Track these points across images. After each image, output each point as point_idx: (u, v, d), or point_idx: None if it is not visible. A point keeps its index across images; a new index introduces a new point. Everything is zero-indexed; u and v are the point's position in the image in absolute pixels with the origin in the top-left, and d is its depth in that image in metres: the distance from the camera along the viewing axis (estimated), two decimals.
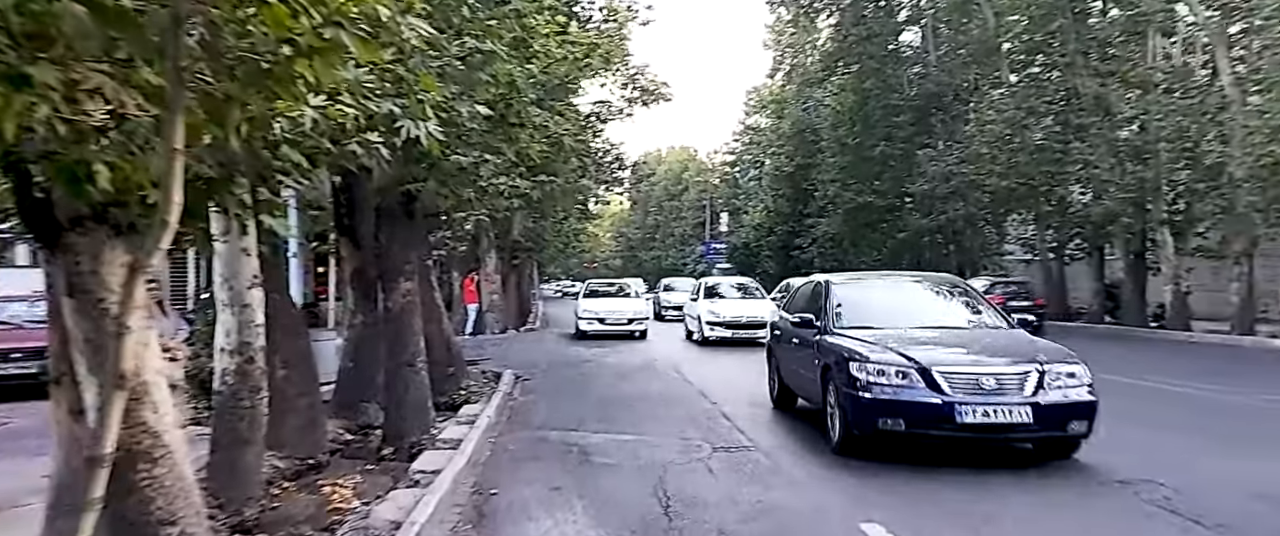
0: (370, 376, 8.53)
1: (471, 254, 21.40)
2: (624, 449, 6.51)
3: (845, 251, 35.68)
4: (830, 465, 6.13)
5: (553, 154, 11.63)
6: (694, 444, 6.76)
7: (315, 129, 3.60)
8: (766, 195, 46.70)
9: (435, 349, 10.07)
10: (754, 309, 17.01)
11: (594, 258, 71.87)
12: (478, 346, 16.45)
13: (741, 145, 54.66)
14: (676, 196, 67.58)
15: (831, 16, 35.56)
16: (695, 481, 5.56)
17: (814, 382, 6.96)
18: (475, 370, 11.68)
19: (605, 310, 19.17)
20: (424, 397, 7.56)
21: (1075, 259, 25.29)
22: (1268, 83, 15.10)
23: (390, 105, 4.26)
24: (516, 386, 10.56)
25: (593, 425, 7.60)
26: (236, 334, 5.42)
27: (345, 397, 8.79)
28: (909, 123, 29.82)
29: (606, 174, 23.61)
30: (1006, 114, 22.48)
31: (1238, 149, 15.80)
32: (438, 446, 6.42)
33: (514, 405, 9.15)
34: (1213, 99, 17.26)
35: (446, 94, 5.54)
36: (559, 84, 9.37)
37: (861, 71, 32.45)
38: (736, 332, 16.51)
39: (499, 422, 7.85)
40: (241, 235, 4.71)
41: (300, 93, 2.95)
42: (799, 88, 41.51)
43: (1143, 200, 19.53)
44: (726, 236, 52.04)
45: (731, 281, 21.13)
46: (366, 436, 8.24)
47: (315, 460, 6.82)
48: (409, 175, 7.33)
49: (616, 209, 70.92)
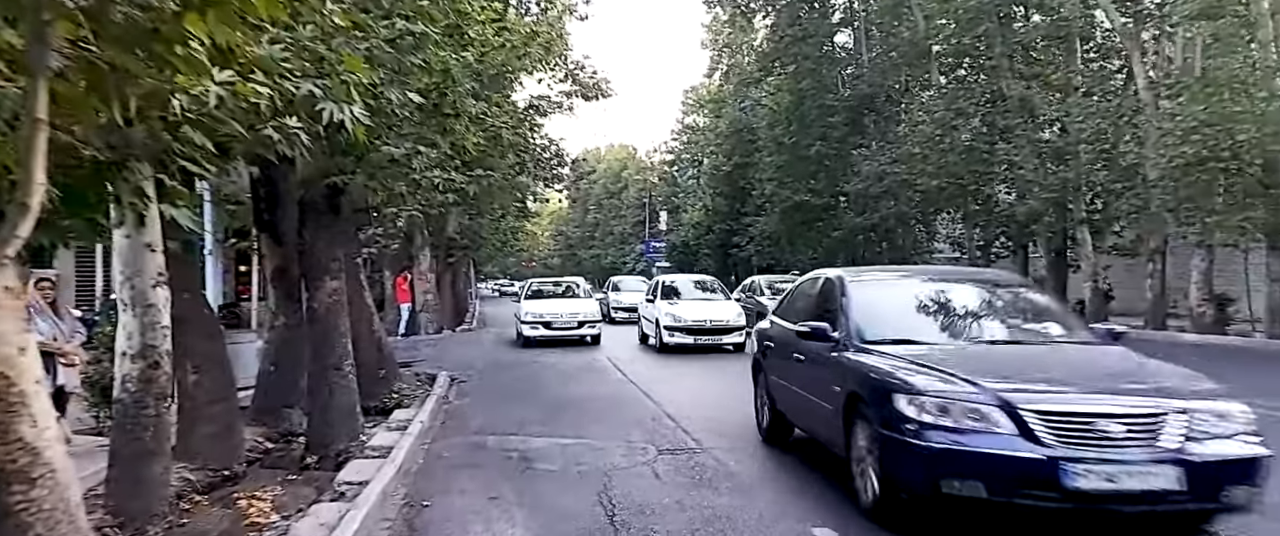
0: (293, 380, 8.06)
1: (404, 252, 20.72)
2: (567, 454, 6.24)
3: (782, 250, 36.10)
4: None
5: (490, 148, 11.28)
6: (638, 447, 6.54)
7: (222, 109, 3.24)
8: (705, 194, 46.96)
9: (365, 350, 9.61)
10: (719, 311, 15.40)
11: (532, 256, 71.12)
12: (411, 347, 15.90)
13: (680, 144, 54.85)
14: (616, 195, 67.42)
15: (768, 17, 35.91)
16: (641, 487, 5.34)
17: (831, 418, 5.15)
18: (408, 372, 11.23)
19: (551, 312, 16.95)
20: (352, 402, 7.15)
21: (1000, 257, 26.13)
22: (1178, 87, 15.81)
23: (310, 86, 3.91)
24: (452, 389, 10.16)
25: (534, 428, 7.30)
26: (139, 336, 4.94)
27: (266, 403, 8.29)
28: (843, 123, 30.33)
29: (546, 170, 23.17)
30: (937, 115, 23.03)
31: (1152, 151, 16.51)
32: (366, 454, 6.04)
33: (449, 409, 8.77)
34: (1129, 103, 18.02)
35: (375, 79, 5.19)
36: (496, 74, 9.04)
37: (797, 72, 32.85)
38: (699, 339, 14.76)
39: (433, 428, 7.47)
40: (138, 227, 4.26)
41: (201, 64, 2.61)
42: (736, 87, 41.84)
43: (1064, 200, 20.26)
44: (666, 235, 52.15)
45: (690, 279, 18.96)
46: (289, 444, 7.77)
47: (231, 471, 6.37)
48: (335, 167, 6.90)
49: (555, 207, 70.37)
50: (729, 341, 14.55)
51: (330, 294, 7.18)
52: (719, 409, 8.47)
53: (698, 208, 47.83)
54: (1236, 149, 13.66)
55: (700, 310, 15.32)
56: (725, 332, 14.51)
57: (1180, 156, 14.67)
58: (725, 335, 14.47)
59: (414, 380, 10.64)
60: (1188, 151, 14.40)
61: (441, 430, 7.49)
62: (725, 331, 14.54)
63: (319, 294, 7.20)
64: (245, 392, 8.82)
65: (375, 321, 10.38)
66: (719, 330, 14.69)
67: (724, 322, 14.71)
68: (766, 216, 34.99)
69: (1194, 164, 14.58)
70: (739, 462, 6.09)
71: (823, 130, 30.84)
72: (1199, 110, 14.11)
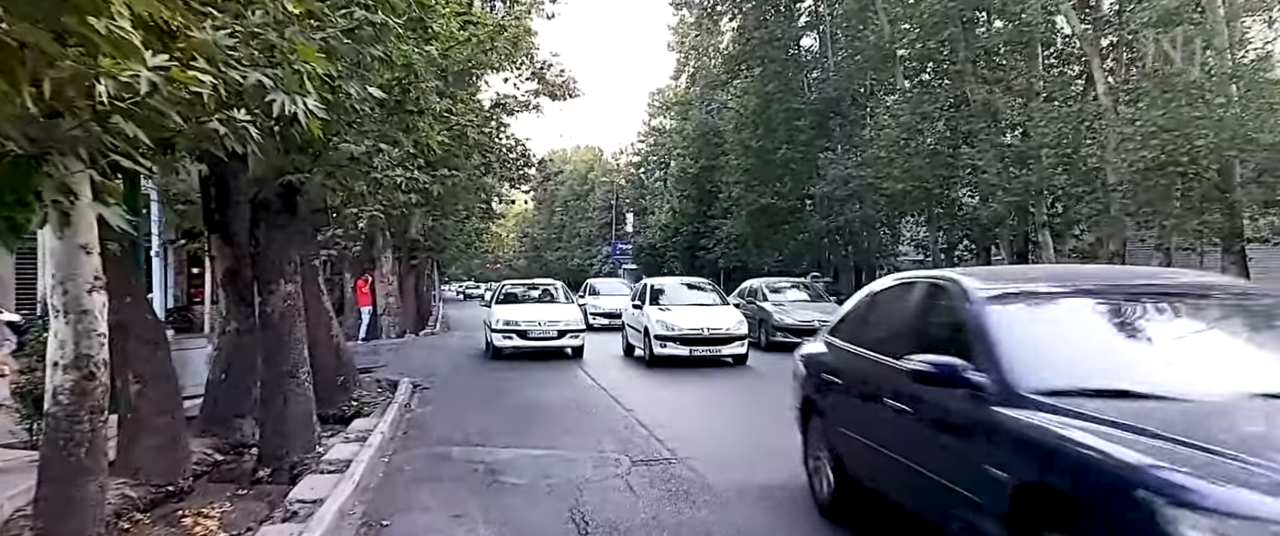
0: (245, 389, 7.70)
1: (366, 253, 20.19)
2: (537, 466, 5.97)
3: (749, 252, 36.17)
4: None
5: (455, 147, 10.95)
6: (610, 458, 6.29)
7: (158, 98, 2.93)
8: (672, 196, 46.89)
9: (323, 356, 9.25)
10: (717, 318, 13.56)
11: (497, 258, 70.44)
12: (372, 352, 15.44)
13: (647, 146, 54.73)
14: (582, 197, 67.10)
15: (734, 20, 35.96)
16: (615, 503, 5.09)
17: (976, 516, 3.26)
18: (369, 379, 10.84)
19: (527, 320, 14.55)
20: (307, 412, 6.80)
21: (964, 260, 26.43)
22: (1137, 92, 16.08)
23: (259, 76, 3.60)
24: (415, 396, 9.80)
25: (501, 439, 7.01)
26: (73, 345, 4.56)
27: (216, 413, 7.91)
28: (810, 126, 30.46)
29: (511, 170, 22.77)
30: (902, 119, 23.19)
31: (1112, 155, 16.76)
32: (322, 469, 5.71)
33: (412, 417, 8.42)
34: (1090, 108, 18.30)
35: (331, 71, 4.88)
36: (462, 71, 8.73)
37: (764, 75, 32.93)
38: (695, 350, 12.95)
39: (394, 438, 7.14)
40: (63, 227, 3.91)
41: (129, 45, 2.32)
42: (703, 90, 41.83)
43: (1026, 203, 20.51)
44: (633, 237, 52.00)
45: (682, 282, 16.85)
46: (240, 456, 7.42)
47: (176, 486, 6.01)
48: (290, 165, 6.54)
49: (521, 209, 69.79)
50: (729, 353, 13.05)
51: (285, 297, 6.83)
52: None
53: (665, 210, 47.75)
54: (1194, 154, 13.90)
55: (696, 317, 13.32)
56: (725, 342, 12.96)
57: (1140, 161, 14.88)
58: (725, 345, 12.93)
59: (375, 387, 10.27)
60: (1147, 156, 14.61)
61: (403, 440, 7.16)
62: (725, 341, 12.98)
63: (273, 297, 6.84)
64: (195, 401, 8.44)
65: (334, 326, 10.00)
66: (718, 340, 13.01)
67: (723, 331, 13.07)
68: (733, 219, 35.02)
69: (1153, 169, 14.82)
70: (718, 474, 5.88)
71: (789, 133, 30.94)
72: (1158, 115, 14.34)
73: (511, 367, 13.32)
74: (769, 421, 6.76)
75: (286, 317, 6.81)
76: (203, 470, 6.97)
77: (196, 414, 8.05)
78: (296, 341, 6.87)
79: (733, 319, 13.49)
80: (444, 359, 14.70)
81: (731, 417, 8.97)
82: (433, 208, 19.63)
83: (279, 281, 6.86)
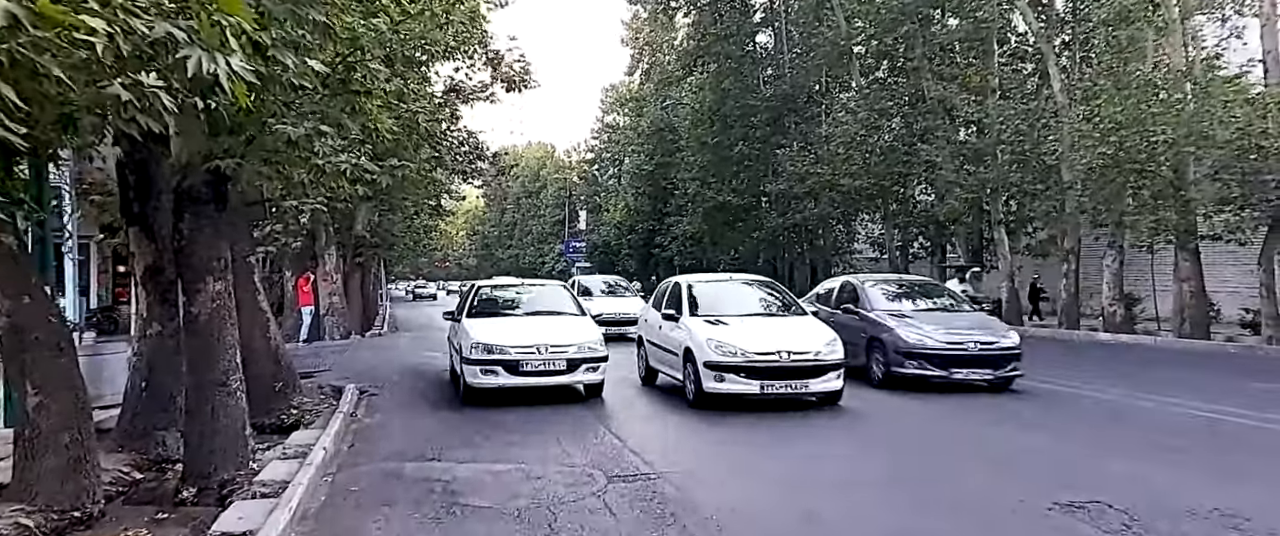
0: (168, 397, 6.95)
1: (308, 250, 19.16)
2: (500, 484, 5.36)
3: (705, 249, 35.98)
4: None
5: (405, 136, 10.24)
6: (583, 473, 5.72)
7: (34, 51, 2.29)
8: (626, 193, 46.44)
9: (259, 361, 8.51)
10: (800, 336, 8.84)
11: (447, 256, 69.00)
12: (314, 355, 14.54)
13: (600, 143, 54.17)
14: (534, 194, 66.22)
15: (689, 15, 35.70)
16: (594, 527, 4.52)
17: None
18: (310, 384, 10.07)
19: (519, 344, 8.97)
20: (238, 424, 6.11)
21: (918, 257, 26.60)
22: (1094, 89, 16.21)
23: (170, 26, 2.97)
24: (361, 403, 9.06)
25: (459, 452, 6.37)
26: None
27: (135, 425, 7.16)
28: (765, 123, 30.35)
29: (463, 163, 21.95)
30: (859, 116, 23.17)
31: (1068, 152, 16.89)
32: (255, 491, 5.03)
33: (358, 428, 7.70)
34: (1045, 105, 18.46)
35: (264, 39, 4.23)
36: (413, 51, 8.06)
37: (719, 71, 32.75)
38: (770, 386, 8.34)
39: (338, 454, 6.45)
40: None
41: None
42: (658, 86, 41.48)
43: (982, 201, 20.64)
44: (587, 234, 51.40)
45: (734, 280, 11.69)
46: (162, 473, 6.70)
47: (82, 512, 5.30)
48: (219, 148, 5.83)
49: (471, 205, 68.49)
50: (818, 389, 8.53)
51: (213, 297, 6.11)
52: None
53: (619, 207, 47.28)
54: (1152, 150, 14.01)
55: (768, 334, 8.80)
56: (813, 374, 8.45)
57: (1099, 159, 14.97)
58: (814, 379, 8.45)
59: (317, 393, 9.51)
60: (1106, 153, 14.70)
61: (349, 455, 6.47)
62: (813, 372, 8.45)
63: (199, 297, 6.12)
64: (113, 412, 7.63)
65: (271, 327, 9.22)
66: (804, 370, 8.43)
67: (810, 356, 8.48)
68: (689, 216, 34.77)
69: (1109, 165, 14.93)
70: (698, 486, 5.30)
71: (745, 130, 30.80)
72: (1116, 112, 14.43)
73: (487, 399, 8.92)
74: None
75: (215, 319, 6.10)
76: (118, 491, 6.23)
77: (111, 427, 7.26)
78: (227, 346, 6.16)
79: (822, 337, 8.80)
80: (393, 362, 13.85)
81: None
82: (380, 202, 18.73)
83: (206, 279, 6.14)
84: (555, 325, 9.55)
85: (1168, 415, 8.10)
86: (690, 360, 8.75)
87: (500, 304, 10.70)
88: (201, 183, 6.21)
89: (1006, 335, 10.09)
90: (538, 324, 9.60)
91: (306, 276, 19.58)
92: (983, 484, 5.57)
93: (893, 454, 6.69)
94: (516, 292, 11.38)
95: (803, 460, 6.41)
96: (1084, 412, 8.52)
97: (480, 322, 9.55)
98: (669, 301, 10.08)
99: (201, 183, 6.21)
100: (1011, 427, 7.75)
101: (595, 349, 9.11)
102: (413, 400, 9.54)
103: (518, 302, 10.86)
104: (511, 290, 11.56)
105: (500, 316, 10.10)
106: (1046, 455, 6.46)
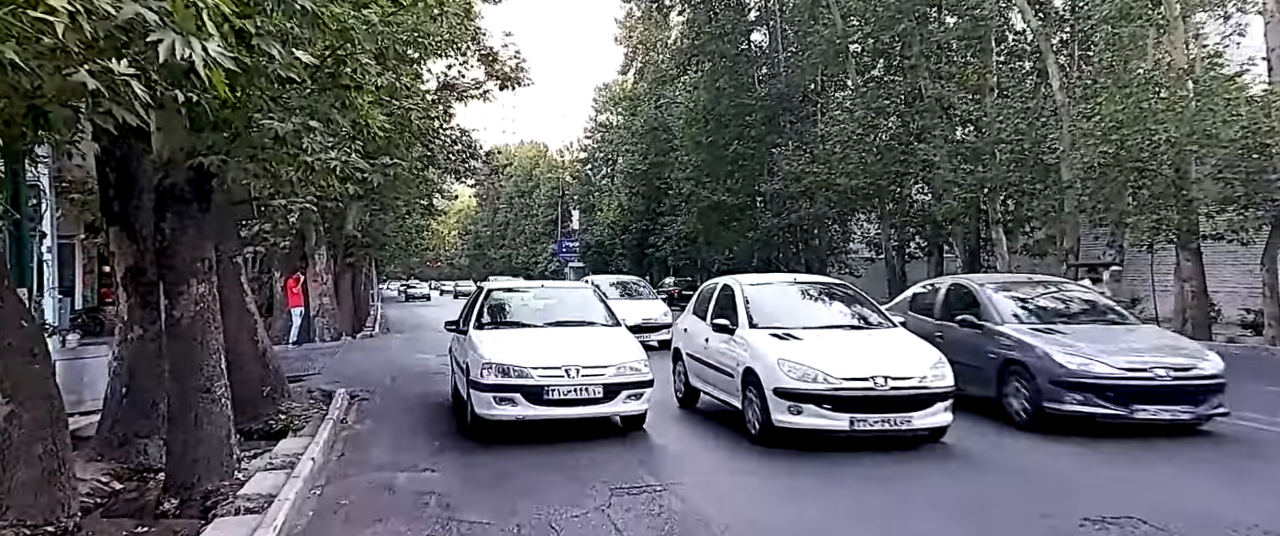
0: (150, 404, 6.69)
1: (297, 250, 18.85)
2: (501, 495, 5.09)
3: (699, 249, 35.78)
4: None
5: (397, 134, 9.97)
6: (589, 484, 5.45)
7: None
8: (620, 193, 46.19)
9: (246, 366, 8.26)
10: (897, 357, 7.16)
11: (438, 256, 68.62)
12: (304, 358, 14.24)
13: (593, 143, 53.93)
14: (527, 194, 65.97)
15: (683, 13, 35.48)
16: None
17: None
18: (299, 388, 9.79)
19: (543, 365, 7.24)
20: (223, 432, 5.85)
21: (914, 258, 26.45)
22: (1094, 87, 16.07)
23: (138, 7, 2.71)
24: (352, 409, 8.79)
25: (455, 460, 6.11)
26: None
27: (116, 433, 6.87)
28: (761, 122, 30.16)
29: (456, 162, 21.65)
30: (856, 114, 23.00)
31: (1067, 150, 16.75)
32: (239, 506, 4.77)
33: (349, 436, 7.43)
34: (1045, 104, 18.33)
35: (248, 27, 3.98)
36: (406, 43, 7.80)
37: (714, 70, 32.53)
38: (862, 420, 6.65)
39: (327, 464, 6.19)
40: None
41: None
42: (652, 85, 41.26)
43: (979, 200, 20.49)
44: (580, 234, 51.16)
45: (794, 284, 9.41)
46: (143, 483, 6.45)
47: (58, 526, 5.04)
48: (202, 144, 5.57)
49: (463, 205, 68.19)
50: (923, 424, 6.81)
51: (196, 300, 5.84)
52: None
53: (613, 207, 47.04)
54: (1154, 149, 13.86)
55: (860, 355, 7.09)
56: (918, 404, 6.75)
57: (1100, 156, 14.80)
58: (918, 410, 6.74)
59: (306, 397, 9.25)
60: (1107, 151, 14.53)
61: (338, 465, 6.21)
62: (919, 403, 6.76)
63: (182, 299, 5.85)
64: (94, 418, 7.36)
65: (259, 330, 8.95)
66: (907, 401, 6.72)
67: (915, 382, 6.78)
68: (684, 216, 34.55)
69: (1110, 165, 14.77)
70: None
71: (740, 129, 30.60)
72: (1117, 110, 14.28)
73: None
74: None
75: (198, 323, 5.83)
76: (96, 503, 5.98)
77: (91, 435, 6.99)
78: (211, 350, 5.90)
79: (925, 357, 7.10)
80: (384, 364, 13.56)
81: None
82: (371, 201, 18.44)
83: (190, 281, 5.87)
84: (587, 340, 7.90)
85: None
86: (753, 384, 7.03)
87: (516, 312, 8.94)
88: (184, 180, 5.94)
89: (1204, 358, 7.41)
90: (565, 338, 7.97)
91: (296, 277, 19.27)
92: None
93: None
94: (535, 298, 9.59)
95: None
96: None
97: (493, 336, 7.85)
98: (718, 308, 8.35)
99: (184, 180, 5.94)
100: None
101: (639, 370, 7.37)
102: (405, 406, 9.24)
103: (537, 310, 9.01)
104: (528, 295, 9.82)
105: (517, 328, 8.35)
106: None
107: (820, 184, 24.52)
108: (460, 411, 8.08)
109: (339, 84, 6.29)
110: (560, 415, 7.12)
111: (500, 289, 9.90)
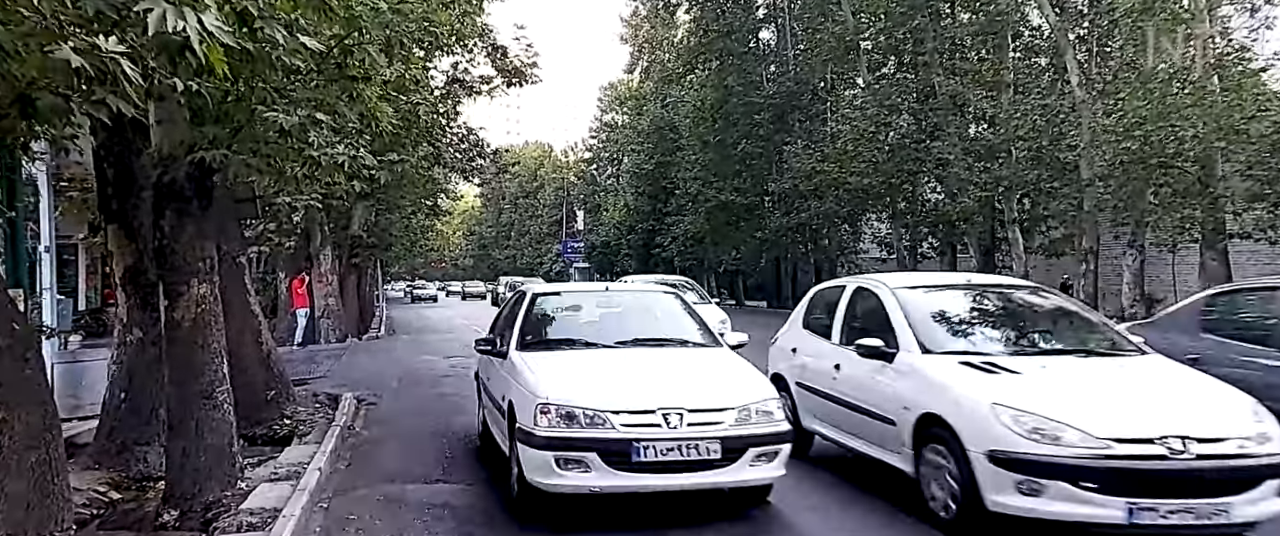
0: (150, 410, 6.42)
1: (302, 250, 18.59)
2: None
3: (706, 250, 35.49)
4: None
5: (405, 130, 9.69)
6: None
7: None
8: (625, 192, 45.93)
9: (250, 369, 7.98)
10: (1190, 401, 4.54)
11: (443, 257, 68.49)
12: (309, 360, 13.97)
13: (598, 142, 53.68)
14: (532, 194, 65.76)
15: (690, 11, 35.20)
16: None
17: None
18: (305, 392, 9.51)
19: (628, 406, 4.66)
20: (225, 440, 5.58)
21: (927, 258, 26.10)
22: (1116, 83, 15.72)
23: None
24: (359, 415, 8.50)
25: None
26: None
27: (114, 439, 6.61)
28: (769, 120, 29.87)
29: (462, 161, 21.37)
30: (868, 112, 22.69)
31: (1087, 148, 16.40)
32: (242, 522, 4.48)
33: (356, 443, 7.13)
34: (1063, 100, 17.98)
35: (252, 8, 3.69)
36: (416, 33, 7.51)
37: (722, 68, 32.26)
38: (1145, 508, 4.03)
39: (334, 474, 5.89)
40: None
41: None
42: (658, 84, 40.97)
43: (995, 199, 20.15)
44: (585, 234, 50.92)
45: (969, 285, 6.27)
46: (142, 493, 6.19)
47: None
48: (204, 138, 5.29)
49: (467, 205, 68.01)
50: (1253, 512, 4.19)
51: (197, 301, 5.57)
52: None
53: (618, 207, 46.76)
54: (1179, 145, 13.51)
55: (1125, 400, 4.55)
56: (1240, 483, 4.16)
57: (1123, 154, 14.44)
58: (1237, 494, 4.14)
59: (312, 401, 8.96)
60: (1130, 148, 14.18)
61: (346, 476, 5.90)
62: (1241, 480, 4.17)
63: (182, 301, 5.57)
64: (92, 423, 7.10)
65: (263, 333, 8.68)
66: (1221, 476, 4.15)
67: (1233, 445, 4.24)
68: (690, 216, 34.27)
69: (1133, 162, 14.42)
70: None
71: (748, 128, 30.31)
72: (1141, 106, 13.93)
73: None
74: None
75: (199, 325, 5.55)
76: (93, 514, 5.72)
77: (88, 442, 6.73)
78: (212, 354, 5.62)
79: (1237, 407, 4.49)
80: (391, 366, 13.28)
81: None
82: (377, 201, 18.18)
83: (190, 282, 5.60)
84: (684, 368, 5.45)
85: None
86: (938, 440, 4.64)
87: (574, 326, 6.30)
88: (184, 176, 5.67)
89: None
90: (650, 365, 5.49)
91: (301, 278, 19.02)
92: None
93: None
94: (598, 306, 6.74)
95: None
96: None
97: (547, 363, 5.35)
98: (853, 322, 5.94)
99: (184, 176, 5.67)
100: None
101: (771, 415, 4.89)
102: (415, 411, 8.94)
103: (603, 325, 6.31)
104: (589, 301, 6.89)
105: (579, 348, 5.76)
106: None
107: (830, 182, 24.20)
108: (500, 474, 5.43)
109: (346, 75, 6.00)
110: (657, 485, 4.63)
111: (547, 293, 6.86)
